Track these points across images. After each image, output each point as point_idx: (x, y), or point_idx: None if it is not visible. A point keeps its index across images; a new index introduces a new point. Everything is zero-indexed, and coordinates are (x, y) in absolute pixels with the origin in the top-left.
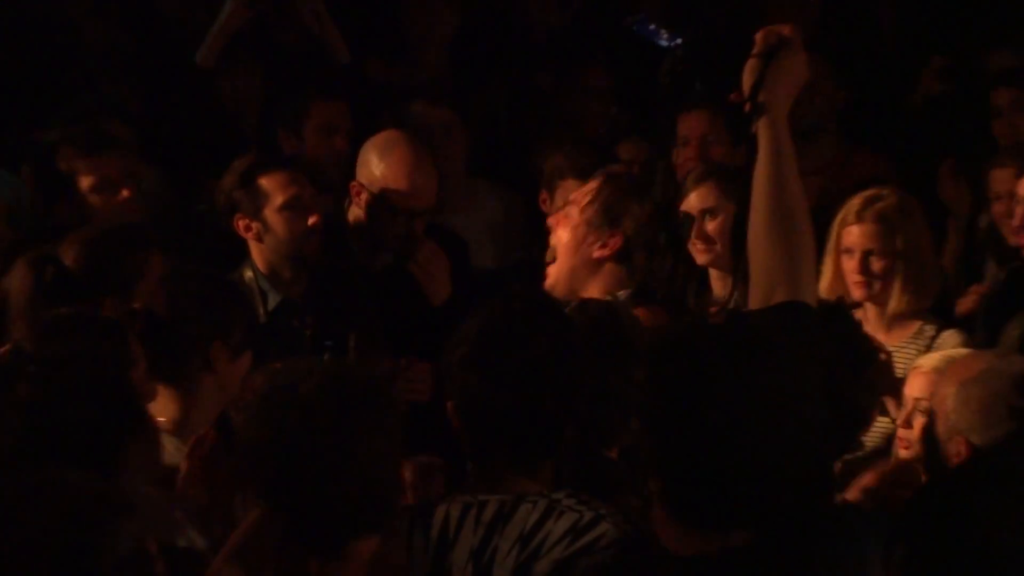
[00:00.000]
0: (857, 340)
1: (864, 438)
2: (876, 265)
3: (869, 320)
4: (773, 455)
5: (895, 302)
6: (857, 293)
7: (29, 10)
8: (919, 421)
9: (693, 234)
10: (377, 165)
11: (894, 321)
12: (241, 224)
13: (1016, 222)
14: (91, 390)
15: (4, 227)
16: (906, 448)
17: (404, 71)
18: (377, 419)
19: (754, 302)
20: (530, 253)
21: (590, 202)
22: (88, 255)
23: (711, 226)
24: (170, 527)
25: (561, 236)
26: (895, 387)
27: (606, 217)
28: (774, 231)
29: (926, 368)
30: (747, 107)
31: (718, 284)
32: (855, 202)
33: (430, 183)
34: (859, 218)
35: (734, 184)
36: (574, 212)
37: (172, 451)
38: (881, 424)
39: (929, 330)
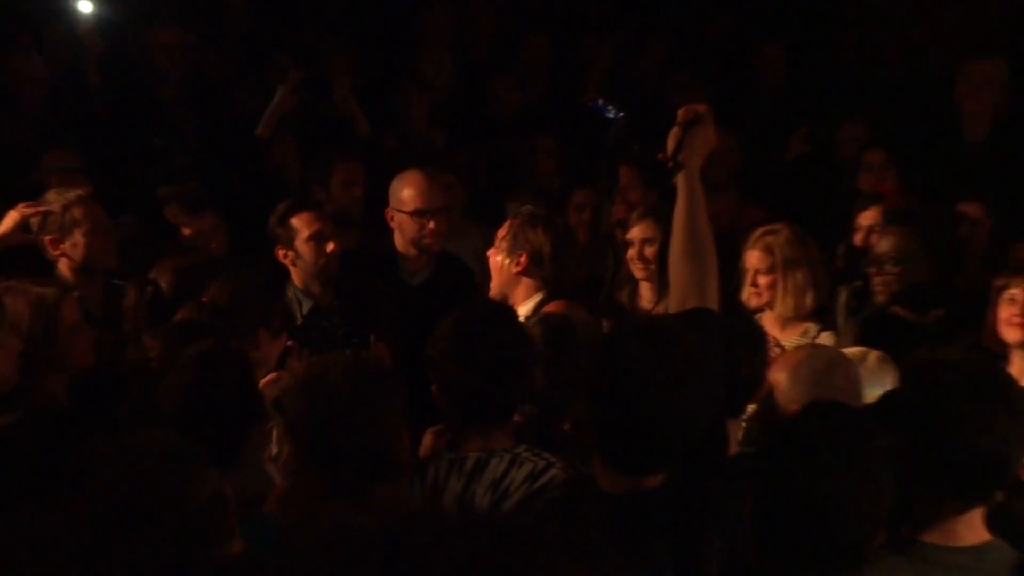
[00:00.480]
0: (752, 332)
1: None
2: (762, 281)
3: (768, 322)
4: (680, 417)
5: (780, 308)
6: (752, 302)
7: (130, 96)
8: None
9: (635, 256)
10: (400, 188)
11: (785, 323)
12: (280, 253)
13: (859, 242)
14: (234, 382)
15: (118, 261)
16: None
17: (410, 141)
18: (384, 397)
19: (672, 308)
20: None
21: (503, 236)
22: (177, 280)
23: (649, 251)
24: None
25: (494, 262)
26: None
27: (513, 244)
28: (687, 256)
29: None
30: (670, 164)
31: (648, 293)
32: (755, 234)
33: (438, 191)
34: (753, 246)
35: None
36: (499, 244)
37: None
38: None
39: (813, 330)
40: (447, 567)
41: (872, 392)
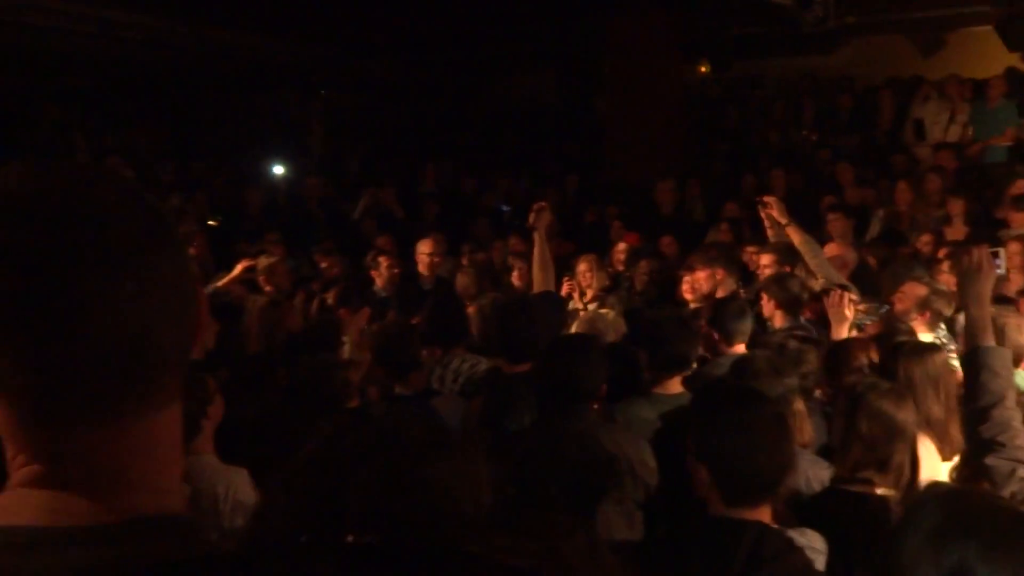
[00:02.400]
0: (557, 300)
1: None
2: (588, 277)
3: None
4: (529, 332)
5: (590, 294)
6: (584, 284)
7: (297, 207)
8: None
9: (518, 275)
10: (421, 244)
11: (593, 294)
12: (373, 274)
13: None
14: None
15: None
16: None
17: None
18: (410, 336)
19: (535, 290)
20: None
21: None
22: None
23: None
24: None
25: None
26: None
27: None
28: (541, 268)
29: None
30: (531, 227)
31: (524, 285)
32: (581, 258)
33: (439, 245)
34: (580, 262)
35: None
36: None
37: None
38: None
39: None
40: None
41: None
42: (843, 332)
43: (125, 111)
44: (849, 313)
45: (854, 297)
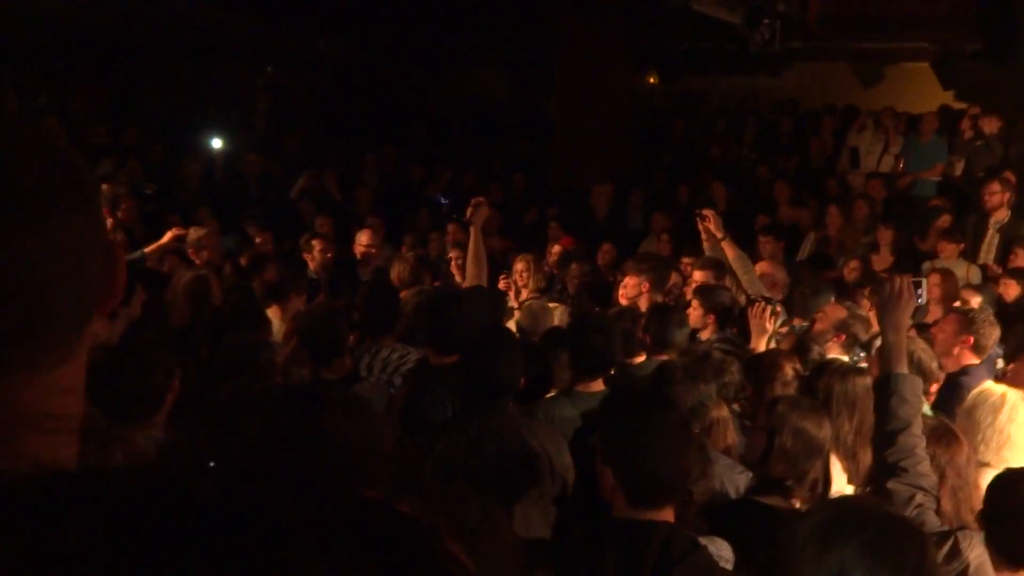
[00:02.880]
0: (494, 295)
1: None
2: (525, 275)
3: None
4: (457, 325)
5: (530, 287)
6: (520, 282)
7: (233, 184)
8: None
9: (455, 266)
10: (360, 234)
11: (529, 294)
12: (305, 256)
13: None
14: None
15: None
16: None
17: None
18: (341, 318)
19: (467, 285)
20: None
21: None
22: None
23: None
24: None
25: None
26: None
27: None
28: (474, 263)
29: None
30: (468, 221)
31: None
32: (518, 257)
33: (377, 235)
34: (520, 260)
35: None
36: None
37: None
38: None
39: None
40: None
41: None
42: (761, 344)
43: (62, 70)
44: (769, 326)
45: (777, 311)
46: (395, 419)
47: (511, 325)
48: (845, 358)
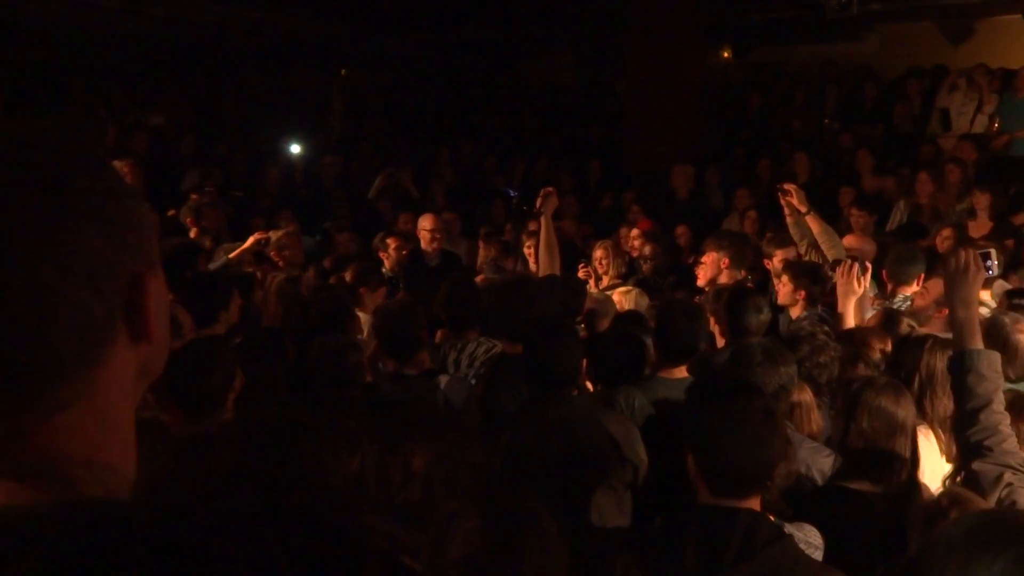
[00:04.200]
0: (574, 282)
1: None
2: (604, 262)
3: (604, 283)
4: (528, 314)
5: (610, 275)
6: (600, 270)
7: (312, 186)
8: None
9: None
10: (421, 220)
11: (612, 282)
12: (381, 254)
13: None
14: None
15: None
16: None
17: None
18: (413, 314)
19: (540, 275)
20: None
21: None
22: (335, 261)
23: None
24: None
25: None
26: None
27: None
28: (546, 252)
29: None
30: (537, 212)
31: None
32: (597, 243)
33: (438, 221)
34: (599, 247)
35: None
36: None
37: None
38: None
39: (626, 286)
40: None
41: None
42: (849, 306)
43: (148, 87)
44: (858, 287)
45: (867, 267)
46: (473, 409)
47: None
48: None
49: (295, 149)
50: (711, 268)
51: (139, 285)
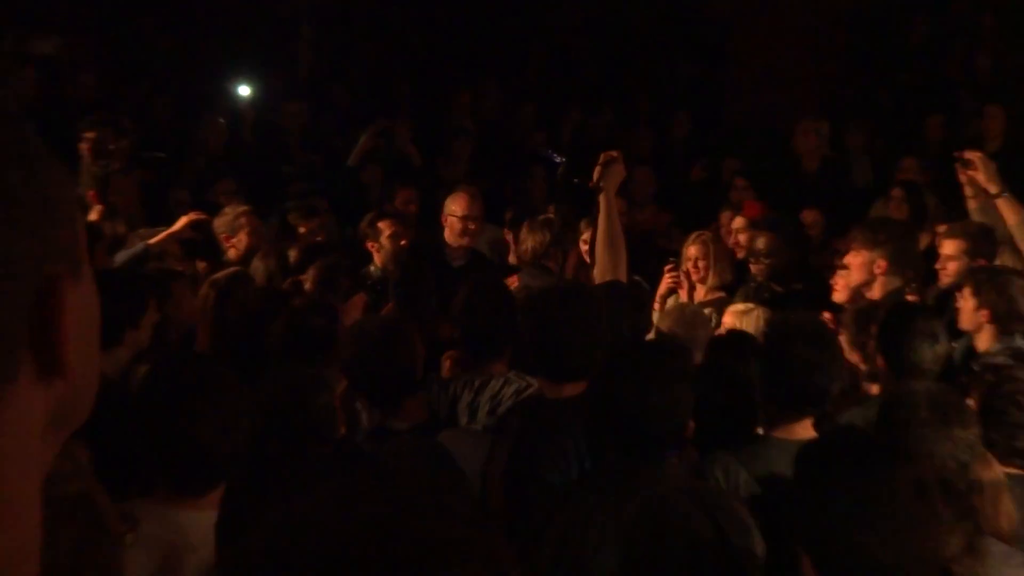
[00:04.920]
0: (641, 296)
1: None
2: (701, 264)
3: (700, 292)
4: (580, 340)
5: (711, 282)
6: (693, 278)
7: (270, 145)
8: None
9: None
10: (454, 201)
11: (710, 291)
12: (369, 244)
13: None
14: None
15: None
16: None
17: (449, 167)
18: (403, 341)
19: (596, 279)
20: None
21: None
22: (300, 255)
23: (585, 247)
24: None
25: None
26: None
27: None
28: (607, 247)
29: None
30: (595, 187)
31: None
32: (692, 235)
33: (477, 205)
34: (693, 243)
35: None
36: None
37: None
38: None
39: (726, 299)
40: None
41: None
42: None
43: (40, 8)
44: None
45: None
46: (495, 480)
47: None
48: None
49: (243, 92)
50: (858, 274)
51: (52, 295)
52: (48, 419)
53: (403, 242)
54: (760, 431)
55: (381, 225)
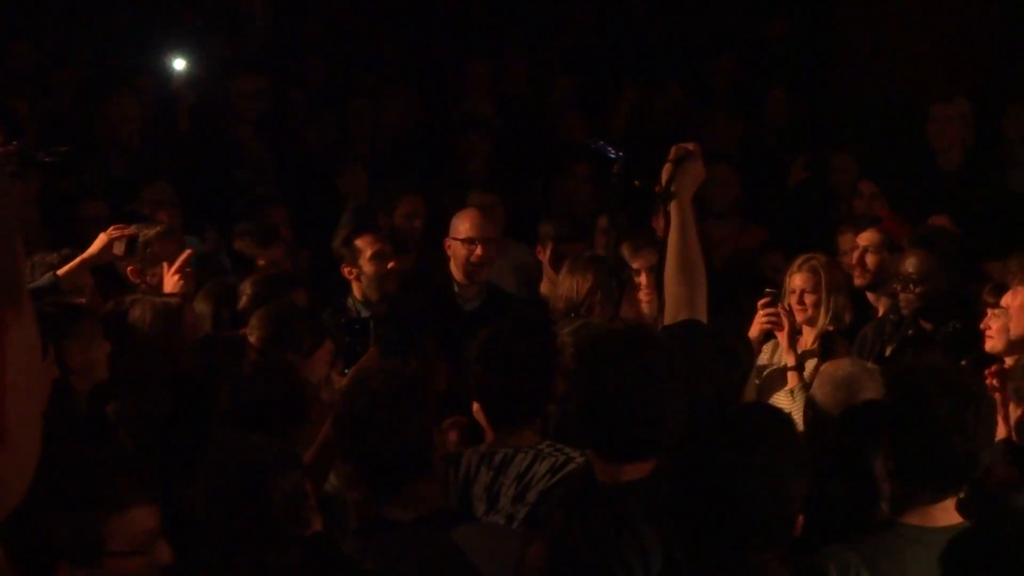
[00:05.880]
0: (729, 341)
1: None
2: (808, 299)
3: (808, 336)
4: (648, 404)
5: (821, 323)
6: (798, 317)
7: (215, 136)
8: None
9: (640, 282)
10: (457, 221)
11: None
12: (345, 270)
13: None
14: (287, 381)
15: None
16: None
17: (459, 170)
18: (420, 401)
19: (666, 320)
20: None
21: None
22: (256, 292)
23: (642, 280)
24: (319, 476)
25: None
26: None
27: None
28: (680, 275)
29: None
30: (664, 194)
31: (646, 307)
32: (799, 259)
33: (489, 223)
34: (798, 269)
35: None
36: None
37: None
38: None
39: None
40: None
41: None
42: None
43: None
44: None
45: None
46: None
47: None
48: None
49: (178, 65)
50: (1020, 319)
51: None
52: None
53: (390, 264)
54: (884, 515)
55: (360, 243)
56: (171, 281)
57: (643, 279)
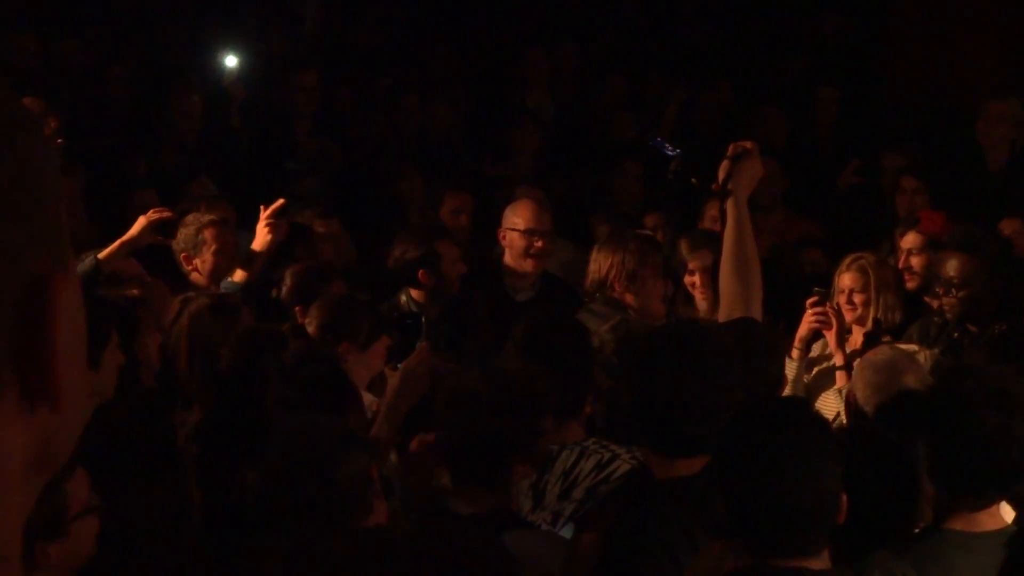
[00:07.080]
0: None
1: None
2: (857, 299)
3: (858, 336)
4: (705, 398)
5: (870, 322)
6: (847, 317)
7: (267, 132)
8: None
9: (695, 279)
10: (515, 211)
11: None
12: (420, 273)
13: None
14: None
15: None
16: None
17: (509, 168)
18: (515, 404)
19: (721, 318)
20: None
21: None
22: (296, 282)
23: (691, 279)
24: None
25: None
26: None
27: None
28: (735, 274)
29: None
30: (721, 191)
31: (702, 306)
32: (847, 259)
33: (547, 216)
34: (847, 268)
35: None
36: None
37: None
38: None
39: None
40: None
41: None
42: None
43: None
44: None
45: None
46: None
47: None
48: None
49: (230, 62)
50: None
51: (40, 299)
52: (28, 459)
53: (459, 270)
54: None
55: (443, 247)
56: (261, 233)
57: (697, 279)
